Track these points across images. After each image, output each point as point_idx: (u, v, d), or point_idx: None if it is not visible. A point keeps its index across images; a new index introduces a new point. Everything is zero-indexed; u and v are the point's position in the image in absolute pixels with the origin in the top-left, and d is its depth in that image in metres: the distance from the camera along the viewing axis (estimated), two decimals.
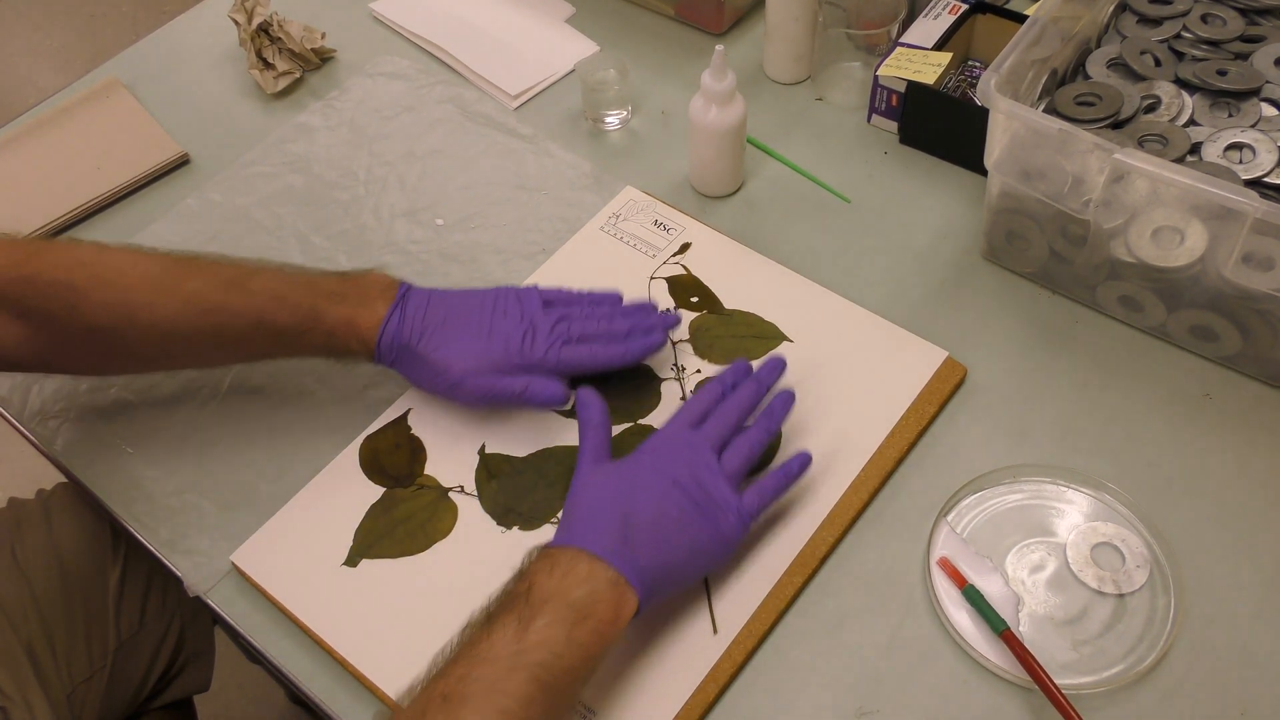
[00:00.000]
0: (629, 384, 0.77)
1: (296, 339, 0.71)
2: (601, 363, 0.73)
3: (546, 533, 0.70)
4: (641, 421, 0.75)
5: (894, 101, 0.89)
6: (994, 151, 0.74)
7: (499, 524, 0.71)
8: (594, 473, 0.65)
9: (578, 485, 0.65)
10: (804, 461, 0.68)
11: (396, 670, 0.65)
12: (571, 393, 0.72)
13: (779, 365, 0.72)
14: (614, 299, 0.77)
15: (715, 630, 0.66)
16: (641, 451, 0.67)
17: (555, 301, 0.76)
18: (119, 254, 0.71)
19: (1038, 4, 0.83)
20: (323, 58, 1.01)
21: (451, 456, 0.74)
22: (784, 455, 0.72)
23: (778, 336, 0.78)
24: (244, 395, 0.79)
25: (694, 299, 0.81)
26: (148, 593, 0.91)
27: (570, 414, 0.75)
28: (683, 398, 0.76)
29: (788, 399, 0.70)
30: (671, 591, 0.64)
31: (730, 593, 0.67)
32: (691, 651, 0.65)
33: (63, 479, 0.85)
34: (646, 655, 0.65)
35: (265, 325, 0.71)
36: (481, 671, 0.55)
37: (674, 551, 0.62)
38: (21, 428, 0.79)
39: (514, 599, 0.58)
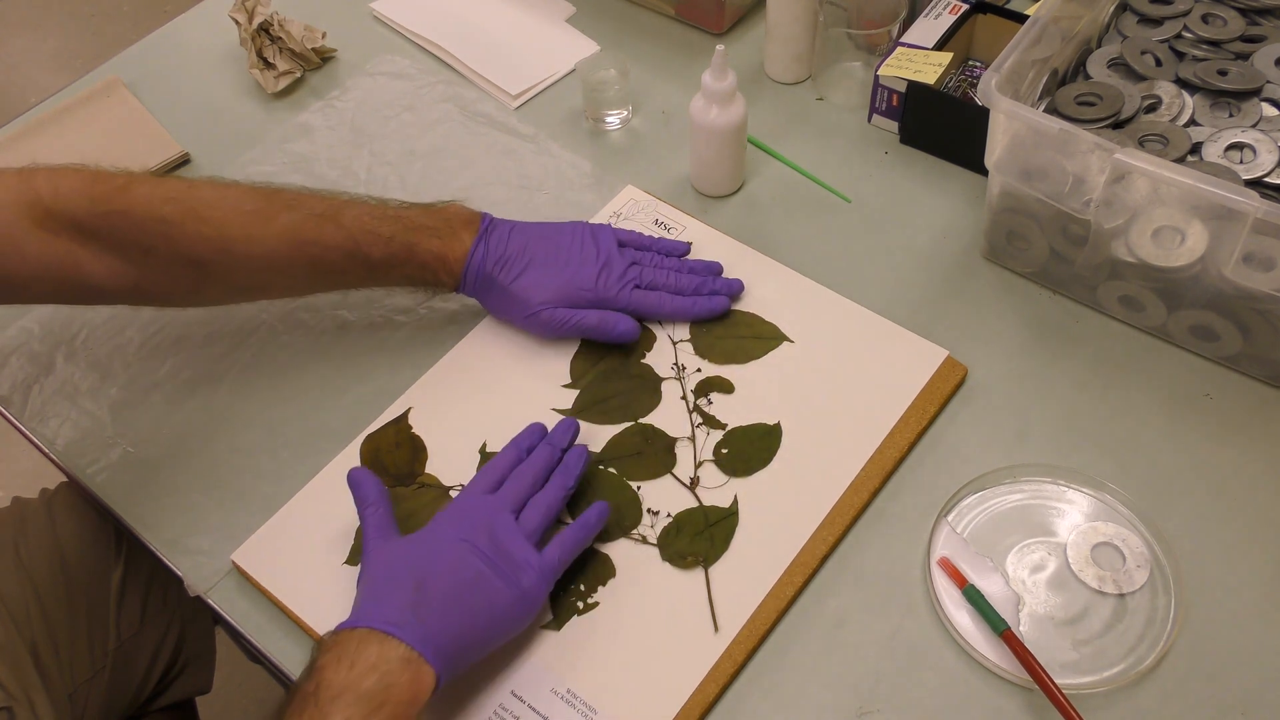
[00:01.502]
0: (629, 383, 0.77)
1: (389, 271, 0.74)
2: (668, 312, 0.77)
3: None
4: (642, 421, 0.75)
5: (895, 101, 0.89)
6: (994, 151, 0.74)
7: None
8: (382, 548, 0.64)
9: (366, 563, 0.64)
10: (601, 512, 0.68)
11: None
12: (639, 329, 0.76)
13: (571, 426, 0.72)
14: (683, 250, 0.82)
15: (716, 629, 0.66)
16: (436, 520, 0.65)
17: (629, 243, 0.79)
18: (209, 188, 0.73)
19: (1038, 4, 0.83)
20: (323, 57, 1.01)
21: (452, 455, 0.74)
22: (784, 453, 0.72)
23: (778, 336, 0.78)
24: (244, 395, 0.79)
25: None
26: (148, 593, 0.91)
27: (572, 413, 0.75)
28: (683, 397, 0.76)
29: (581, 454, 0.70)
30: (474, 658, 0.62)
31: (731, 592, 0.67)
32: (692, 650, 0.65)
33: (64, 479, 0.85)
34: (648, 653, 0.65)
35: (359, 257, 0.73)
36: None
37: (471, 616, 0.60)
38: (22, 427, 0.80)
39: (304, 701, 0.56)
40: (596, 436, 0.74)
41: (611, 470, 0.73)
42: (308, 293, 0.79)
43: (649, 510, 0.71)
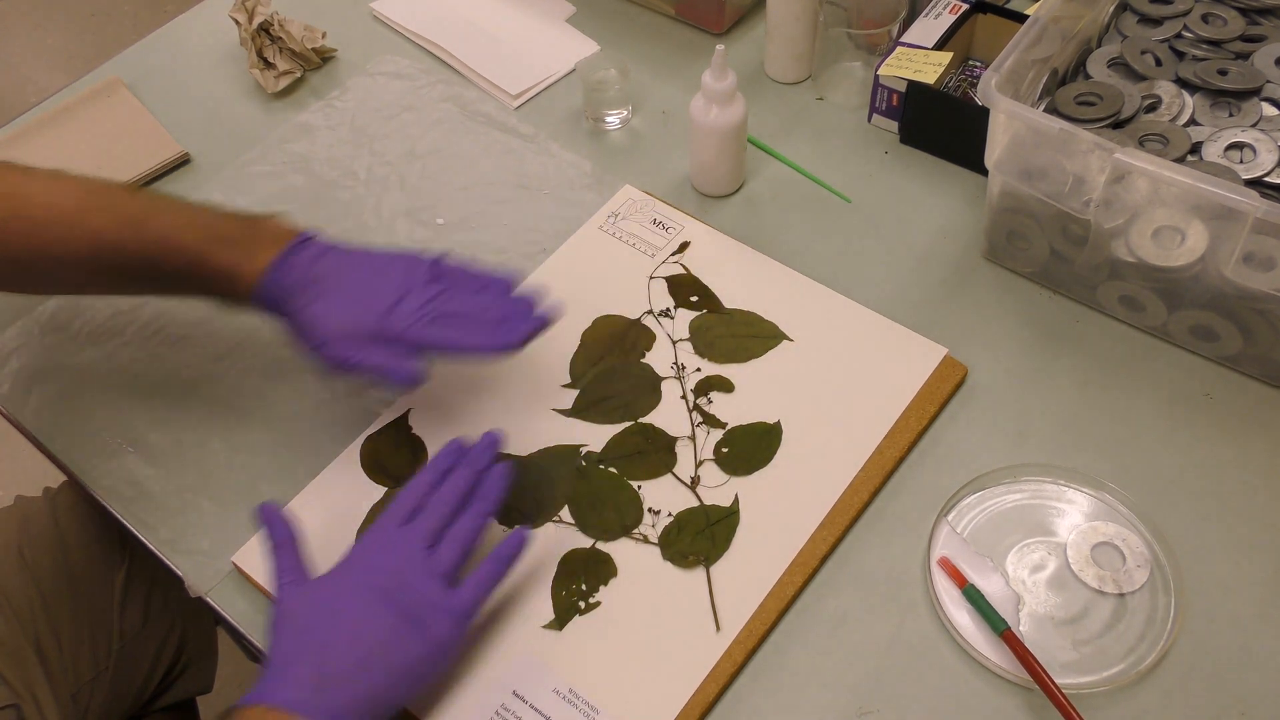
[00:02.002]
0: (629, 383, 0.77)
1: (182, 281, 0.71)
2: (466, 344, 0.68)
3: (549, 530, 0.70)
4: (642, 420, 0.75)
5: (895, 101, 0.89)
6: (994, 151, 0.74)
7: (501, 523, 0.71)
8: (292, 599, 0.61)
9: (275, 617, 0.61)
10: (518, 541, 0.65)
11: None
12: (426, 374, 0.67)
13: (493, 442, 0.69)
14: (506, 284, 0.71)
15: (718, 628, 0.66)
16: (349, 560, 0.63)
17: (446, 275, 0.71)
18: (41, 182, 0.72)
19: (1038, 4, 0.83)
20: (323, 57, 1.01)
21: None
22: (784, 452, 0.72)
23: (778, 335, 0.78)
24: (245, 395, 0.79)
25: (694, 298, 0.81)
26: (151, 593, 0.91)
27: (572, 413, 0.76)
28: (683, 396, 0.76)
29: (502, 475, 0.67)
30: (389, 716, 0.60)
31: (732, 591, 0.67)
32: (694, 649, 0.65)
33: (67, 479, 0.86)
34: (650, 653, 0.65)
35: (157, 267, 0.70)
36: None
37: (380, 677, 0.58)
38: (22, 427, 0.80)
39: None
40: (597, 436, 0.74)
41: (612, 470, 0.73)
42: (129, 294, 0.77)
43: (650, 510, 0.71)
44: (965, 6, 0.90)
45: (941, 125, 0.88)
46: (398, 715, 0.61)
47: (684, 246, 0.84)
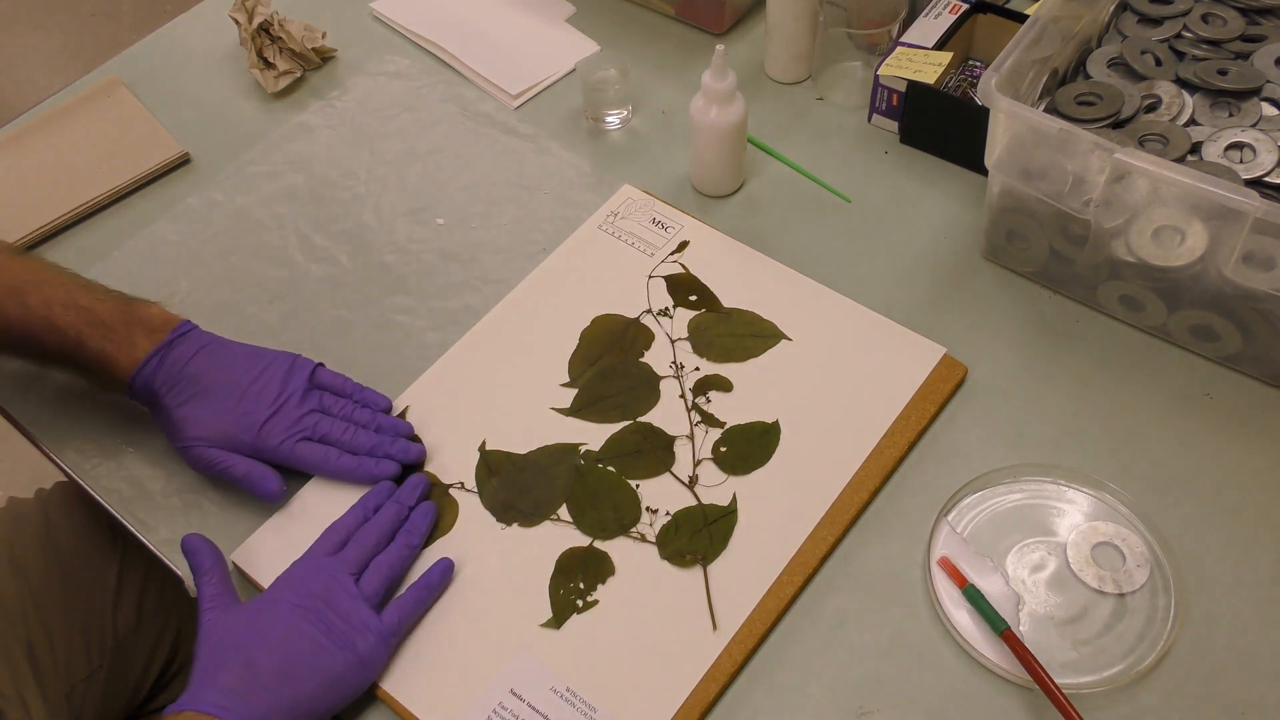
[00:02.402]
0: (627, 382, 0.77)
1: (62, 360, 0.72)
2: (331, 471, 0.71)
3: (546, 529, 0.70)
4: (641, 419, 0.75)
5: (894, 101, 0.89)
6: (994, 151, 0.74)
7: (499, 520, 0.71)
8: (216, 621, 0.63)
9: (201, 636, 0.63)
10: (444, 569, 0.67)
11: (396, 668, 0.65)
12: (282, 490, 0.70)
13: (420, 483, 0.71)
14: (383, 405, 0.75)
15: (715, 627, 0.66)
16: (277, 585, 0.65)
17: (326, 387, 0.74)
18: None
19: (1038, 4, 0.83)
20: (323, 57, 1.01)
21: (451, 453, 0.74)
22: (782, 451, 0.72)
23: (776, 335, 0.78)
24: None
25: (692, 297, 0.81)
26: (145, 592, 0.90)
27: (570, 412, 0.75)
28: (681, 395, 0.76)
29: (428, 511, 0.70)
30: None
31: (729, 590, 0.67)
32: (692, 649, 0.65)
33: (61, 478, 0.85)
34: (647, 652, 0.65)
35: (34, 342, 0.71)
36: None
37: (303, 685, 0.60)
38: (21, 426, 0.79)
39: None
40: (595, 435, 0.74)
41: (610, 469, 0.73)
42: (10, 358, 0.77)
43: (648, 509, 0.71)
44: (965, 6, 0.90)
45: (941, 125, 0.88)
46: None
47: (683, 246, 0.84)
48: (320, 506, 0.72)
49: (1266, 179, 0.74)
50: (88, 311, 0.71)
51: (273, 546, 0.70)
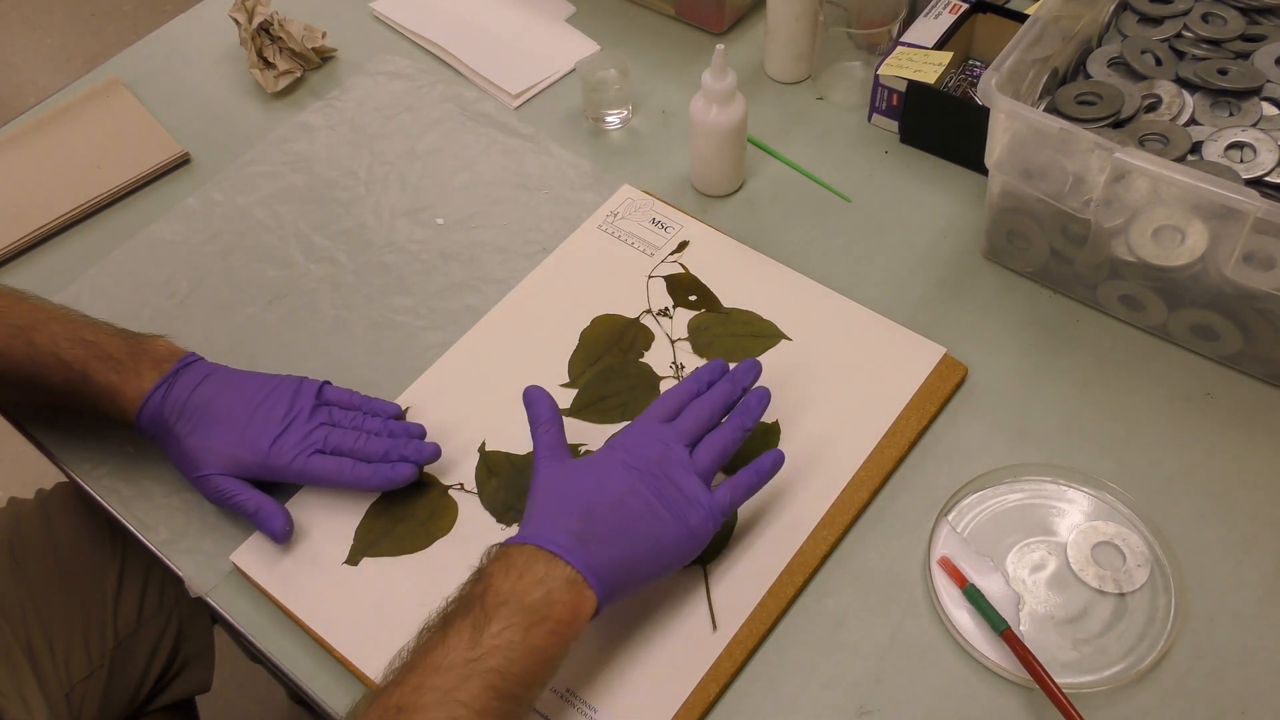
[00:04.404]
0: (627, 382, 0.77)
1: (68, 398, 0.71)
2: (346, 481, 0.70)
3: None
4: None
5: (895, 101, 0.89)
6: (995, 151, 0.74)
7: (499, 521, 0.71)
8: (552, 469, 0.64)
9: (537, 481, 0.64)
10: (776, 460, 0.67)
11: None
12: (289, 532, 0.69)
13: (754, 367, 0.70)
14: (393, 411, 0.74)
15: (715, 627, 0.66)
16: (611, 445, 0.65)
17: (334, 403, 0.73)
18: None
19: (1038, 3, 0.83)
20: (323, 57, 1.01)
21: (451, 454, 0.74)
22: (784, 449, 0.72)
23: (776, 335, 0.78)
24: None
25: (692, 297, 0.81)
26: (145, 592, 0.91)
27: (570, 412, 0.75)
28: None
29: (763, 397, 0.68)
30: (636, 588, 0.62)
31: (729, 590, 0.67)
32: (691, 649, 0.65)
33: (62, 479, 0.85)
34: (647, 652, 0.65)
35: (40, 380, 0.71)
36: (436, 681, 0.54)
37: (637, 546, 0.60)
38: (22, 426, 0.79)
39: (470, 603, 0.57)
40: (595, 435, 0.74)
41: None
42: (17, 402, 0.77)
43: None
44: (965, 6, 0.90)
45: (941, 125, 0.88)
46: None
47: (683, 246, 0.84)
48: (320, 507, 0.72)
49: (1267, 178, 0.74)
50: (94, 346, 0.71)
51: (273, 547, 0.70)
